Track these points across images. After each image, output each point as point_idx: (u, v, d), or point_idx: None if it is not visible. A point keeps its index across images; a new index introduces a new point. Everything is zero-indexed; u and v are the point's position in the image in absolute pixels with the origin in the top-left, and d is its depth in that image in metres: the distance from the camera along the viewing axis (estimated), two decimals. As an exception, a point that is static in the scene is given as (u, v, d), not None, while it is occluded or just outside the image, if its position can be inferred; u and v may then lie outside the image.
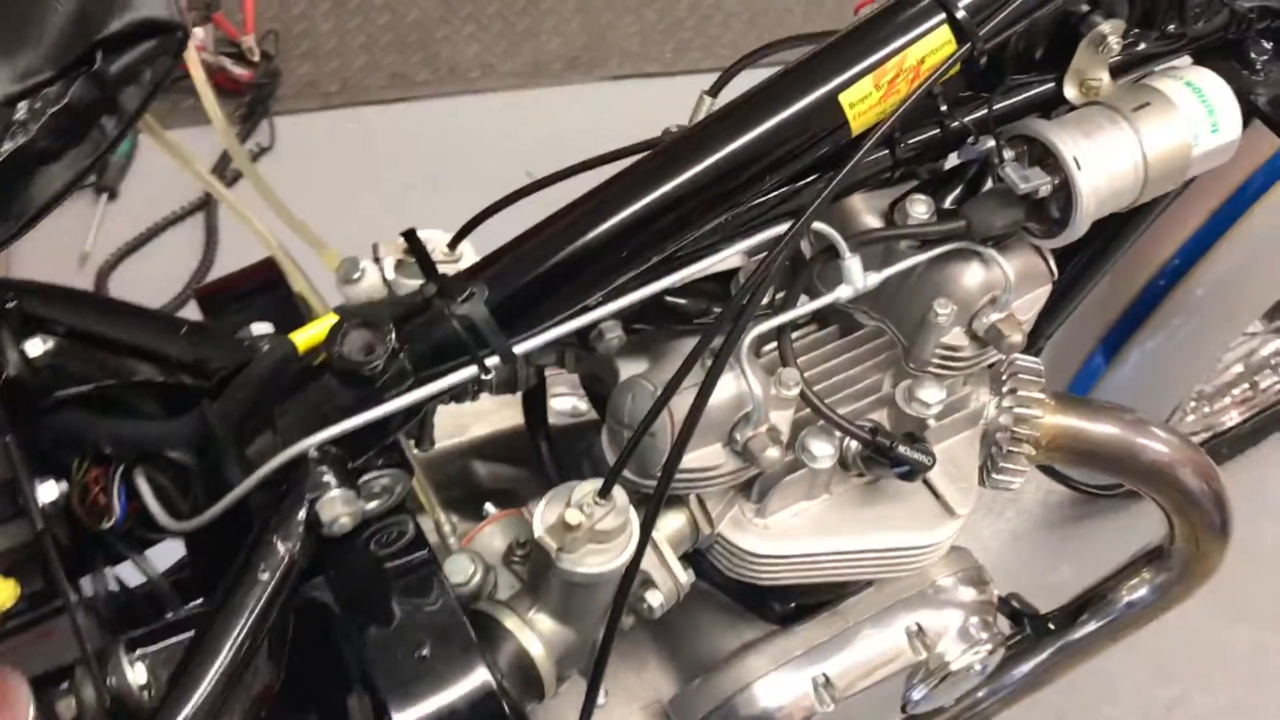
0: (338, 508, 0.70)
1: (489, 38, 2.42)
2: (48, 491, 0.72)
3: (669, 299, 0.81)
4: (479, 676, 0.75)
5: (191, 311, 2.02)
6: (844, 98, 0.74)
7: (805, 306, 0.81)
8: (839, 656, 1.03)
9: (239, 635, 0.67)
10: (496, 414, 1.11)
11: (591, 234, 0.74)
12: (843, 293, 0.80)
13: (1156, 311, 1.38)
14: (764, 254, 0.80)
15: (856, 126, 0.74)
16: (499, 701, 0.75)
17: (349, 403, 0.71)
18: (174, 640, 0.71)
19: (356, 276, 0.87)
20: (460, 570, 0.84)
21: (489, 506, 0.95)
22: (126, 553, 0.83)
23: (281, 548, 0.69)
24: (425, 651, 0.75)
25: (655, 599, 0.85)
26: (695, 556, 0.92)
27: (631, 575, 0.77)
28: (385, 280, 0.85)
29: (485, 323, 0.72)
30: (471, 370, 0.72)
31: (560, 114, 2.34)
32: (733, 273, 0.84)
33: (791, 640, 1.03)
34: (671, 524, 0.88)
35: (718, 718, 1.01)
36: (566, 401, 1.13)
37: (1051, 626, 1.19)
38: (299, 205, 0.90)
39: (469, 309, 0.72)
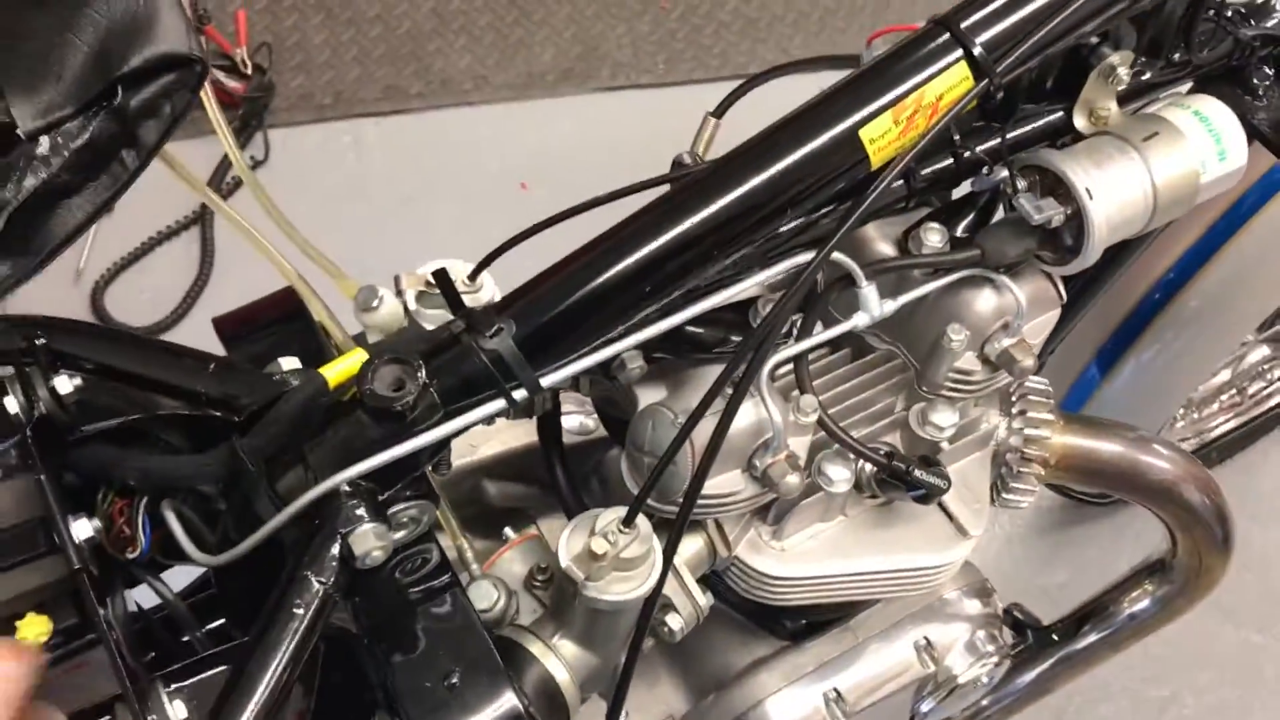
0: (370, 541, 0.71)
1: (481, 49, 2.43)
2: (82, 529, 0.73)
3: (688, 328, 0.82)
4: (507, 702, 0.76)
5: (188, 327, 2.02)
6: (864, 133, 0.75)
7: (822, 334, 0.82)
8: (849, 672, 1.04)
9: (276, 670, 0.68)
10: (506, 432, 1.12)
11: (615, 270, 0.75)
12: (860, 320, 0.81)
13: (1152, 324, 1.40)
14: (782, 282, 0.81)
15: (876, 160, 0.76)
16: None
17: (380, 438, 0.72)
18: (207, 675, 0.72)
19: (375, 305, 0.88)
20: (485, 596, 0.85)
21: (508, 531, 0.97)
22: (147, 580, 0.84)
23: (315, 583, 0.70)
24: (454, 680, 0.76)
25: (676, 623, 0.86)
26: (708, 575, 0.94)
27: (654, 602, 0.79)
28: (407, 310, 0.86)
29: (513, 357, 0.73)
30: (499, 404, 0.73)
31: (553, 125, 2.35)
32: (750, 301, 0.85)
33: (802, 656, 1.04)
34: (690, 548, 0.89)
35: (731, 735, 1.02)
36: (574, 419, 1.14)
37: (1055, 638, 1.20)
38: (294, 218, 0.91)
39: (497, 344, 0.73)
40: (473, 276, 0.86)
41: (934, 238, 0.84)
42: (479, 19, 2.46)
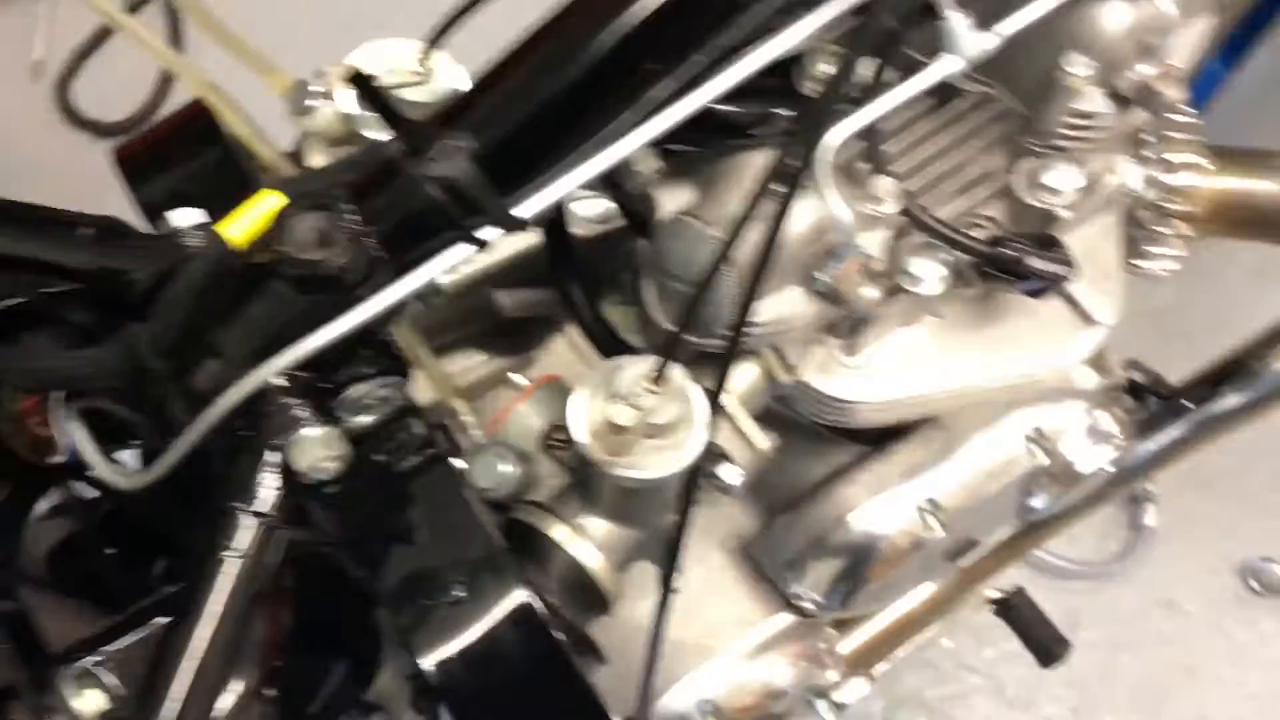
0: (316, 451, 0.54)
1: None
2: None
3: (716, 107, 0.60)
4: (519, 603, 0.61)
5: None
6: None
7: (900, 91, 0.60)
8: (945, 477, 0.88)
9: (217, 627, 0.53)
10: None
11: (601, 40, 0.53)
12: (947, 68, 0.59)
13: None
14: (835, 24, 0.59)
15: None
16: (549, 634, 0.61)
17: (310, 311, 0.53)
18: (137, 636, 0.57)
19: (314, 105, 0.68)
20: (489, 474, 0.68)
21: (516, 378, 0.79)
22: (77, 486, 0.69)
23: (249, 516, 0.53)
24: (458, 590, 0.61)
25: (732, 475, 0.69)
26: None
27: (699, 468, 0.61)
28: (347, 116, 0.65)
29: (474, 183, 0.53)
30: (463, 249, 0.54)
31: None
32: (794, 60, 0.62)
33: (889, 464, 0.88)
34: (743, 380, 0.71)
35: (810, 556, 0.87)
36: (594, 205, 0.93)
37: (1187, 404, 1.01)
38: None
39: (450, 168, 0.52)
40: (424, 58, 0.64)
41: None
42: None
